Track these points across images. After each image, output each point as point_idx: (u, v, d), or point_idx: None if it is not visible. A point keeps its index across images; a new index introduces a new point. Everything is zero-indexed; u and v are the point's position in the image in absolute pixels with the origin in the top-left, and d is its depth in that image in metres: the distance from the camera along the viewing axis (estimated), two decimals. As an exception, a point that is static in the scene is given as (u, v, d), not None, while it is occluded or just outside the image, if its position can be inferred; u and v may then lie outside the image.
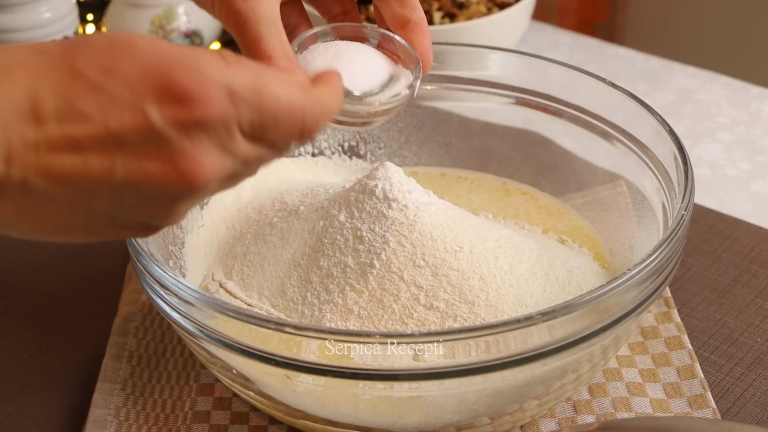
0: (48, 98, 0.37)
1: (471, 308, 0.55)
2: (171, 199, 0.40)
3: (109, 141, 0.38)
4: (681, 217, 0.53)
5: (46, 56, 0.38)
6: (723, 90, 0.97)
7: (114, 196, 0.39)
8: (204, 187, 0.40)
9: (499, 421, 0.55)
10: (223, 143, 0.40)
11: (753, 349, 0.65)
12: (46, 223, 0.40)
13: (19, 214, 0.39)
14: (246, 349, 0.49)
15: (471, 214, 0.63)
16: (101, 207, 0.39)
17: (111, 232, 0.41)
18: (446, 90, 0.73)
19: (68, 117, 0.37)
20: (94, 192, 0.39)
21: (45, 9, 0.94)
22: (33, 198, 0.38)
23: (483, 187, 0.73)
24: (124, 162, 0.38)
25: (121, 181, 0.38)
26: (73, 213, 0.39)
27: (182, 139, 0.38)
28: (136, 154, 0.38)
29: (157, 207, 0.40)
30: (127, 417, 0.60)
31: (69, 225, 0.40)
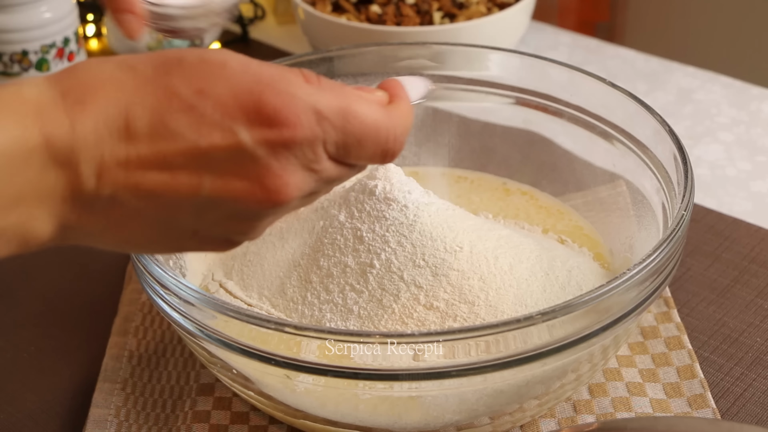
0: (141, 116, 0.38)
1: (471, 308, 0.55)
2: (254, 216, 0.41)
3: (199, 159, 0.39)
4: (681, 217, 0.53)
5: (138, 73, 0.39)
6: (723, 90, 0.97)
7: (199, 212, 0.40)
8: (287, 203, 0.41)
9: (499, 421, 0.55)
10: (308, 163, 0.41)
11: (753, 349, 0.65)
12: (131, 236, 0.41)
13: (106, 227, 0.40)
14: (246, 349, 0.49)
15: (471, 214, 0.63)
16: (186, 222, 0.40)
17: (193, 244, 0.42)
18: (446, 90, 0.73)
19: (160, 135, 0.38)
20: (181, 207, 0.40)
21: (45, 9, 0.94)
22: (120, 212, 0.39)
23: (483, 187, 0.73)
24: (212, 179, 0.39)
25: (206, 197, 0.39)
26: (158, 227, 0.41)
27: (270, 158, 0.39)
28: (224, 172, 0.39)
29: (240, 223, 0.41)
30: (127, 417, 0.60)
31: (153, 238, 0.41)
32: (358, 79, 0.73)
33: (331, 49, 0.72)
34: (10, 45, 0.92)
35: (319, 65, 0.72)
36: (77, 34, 0.99)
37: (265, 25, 1.15)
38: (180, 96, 0.39)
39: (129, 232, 0.41)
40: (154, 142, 0.38)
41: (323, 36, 0.94)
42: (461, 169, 0.75)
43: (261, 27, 1.15)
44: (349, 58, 0.73)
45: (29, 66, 0.94)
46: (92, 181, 0.38)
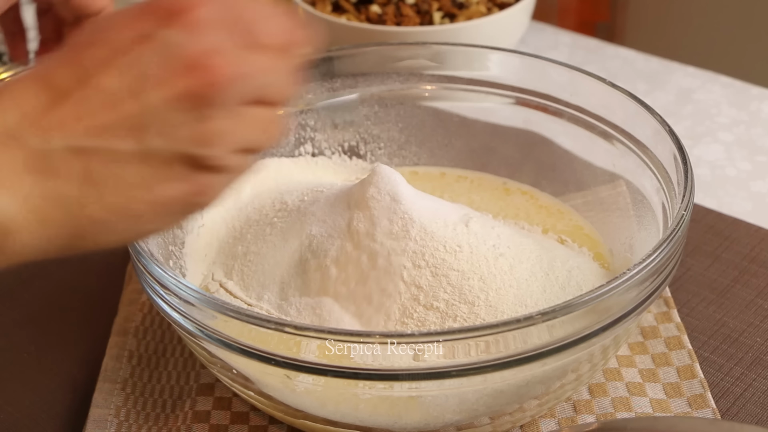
0: (56, 73, 0.38)
1: (471, 308, 0.55)
2: (204, 108, 0.39)
3: (129, 72, 0.38)
4: (681, 217, 0.53)
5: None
6: (723, 90, 0.97)
7: (161, 125, 0.38)
8: (231, 80, 0.39)
9: (499, 421, 0.55)
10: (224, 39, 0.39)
11: (753, 349, 0.65)
12: (121, 197, 0.39)
13: (81, 188, 0.38)
14: (246, 349, 0.49)
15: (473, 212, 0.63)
16: (153, 143, 0.39)
17: (160, 182, 0.40)
18: (446, 90, 0.73)
19: (83, 78, 0.38)
20: (142, 128, 0.38)
21: (45, 9, 0.94)
22: (80, 161, 0.38)
23: (483, 187, 0.73)
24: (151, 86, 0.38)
25: (155, 104, 0.38)
26: (133, 167, 0.39)
27: (189, 40, 0.39)
28: (157, 74, 0.38)
29: (196, 124, 0.39)
30: (127, 417, 0.60)
31: (140, 187, 0.39)
32: (358, 79, 0.73)
33: (331, 49, 0.72)
34: (10, 45, 0.92)
35: (319, 65, 0.72)
36: (77, 34, 0.99)
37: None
38: (83, 43, 0.39)
39: (115, 190, 0.38)
40: (81, 86, 0.38)
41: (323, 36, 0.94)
42: (461, 169, 0.75)
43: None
44: (349, 58, 0.73)
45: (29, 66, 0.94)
46: (34, 140, 0.37)
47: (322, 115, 0.74)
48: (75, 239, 0.39)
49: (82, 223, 0.39)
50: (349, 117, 0.61)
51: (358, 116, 0.74)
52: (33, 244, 0.38)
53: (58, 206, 0.38)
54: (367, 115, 0.75)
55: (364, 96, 0.74)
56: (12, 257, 0.38)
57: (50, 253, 0.39)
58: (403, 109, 0.75)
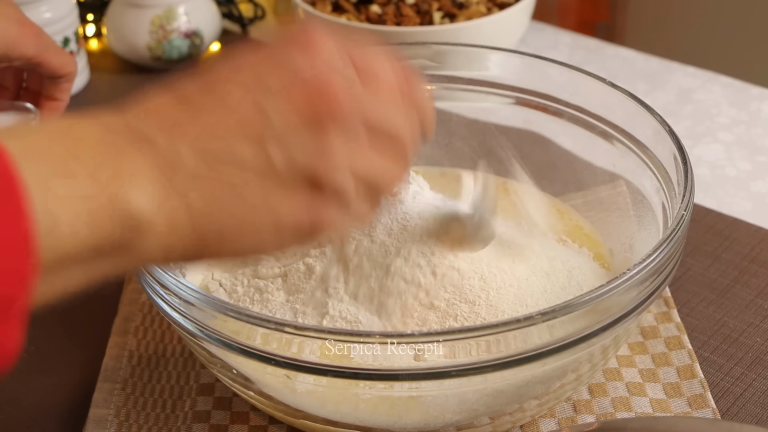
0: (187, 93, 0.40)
1: (471, 308, 0.55)
2: (325, 127, 0.40)
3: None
4: (681, 217, 0.53)
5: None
6: (723, 90, 0.97)
7: (282, 139, 0.39)
8: (351, 103, 0.40)
9: (499, 420, 0.55)
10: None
11: (753, 349, 0.65)
12: (242, 210, 0.39)
13: (210, 202, 0.38)
14: (246, 349, 0.49)
15: None
16: (274, 156, 0.39)
17: (280, 199, 0.40)
18: (446, 90, 0.73)
19: (210, 91, 0.40)
20: (264, 140, 0.39)
21: (45, 9, 0.94)
22: (215, 171, 0.38)
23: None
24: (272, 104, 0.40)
25: (278, 119, 0.39)
26: (254, 181, 0.39)
27: (312, 64, 0.40)
28: (281, 91, 0.40)
29: (317, 143, 0.40)
30: (127, 417, 0.60)
31: (261, 202, 0.39)
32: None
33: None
34: (10, 45, 0.92)
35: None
36: (77, 34, 0.99)
37: (265, 25, 1.15)
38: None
39: (225, 199, 0.39)
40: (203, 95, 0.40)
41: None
42: (461, 170, 0.75)
43: (261, 27, 1.15)
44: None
45: (29, 66, 0.94)
46: (166, 144, 0.38)
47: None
48: (195, 249, 0.39)
49: (205, 233, 0.39)
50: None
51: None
52: (160, 248, 0.38)
53: (186, 211, 0.38)
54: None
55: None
56: (139, 259, 0.38)
57: (170, 260, 0.40)
58: (403, 109, 0.75)
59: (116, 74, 1.06)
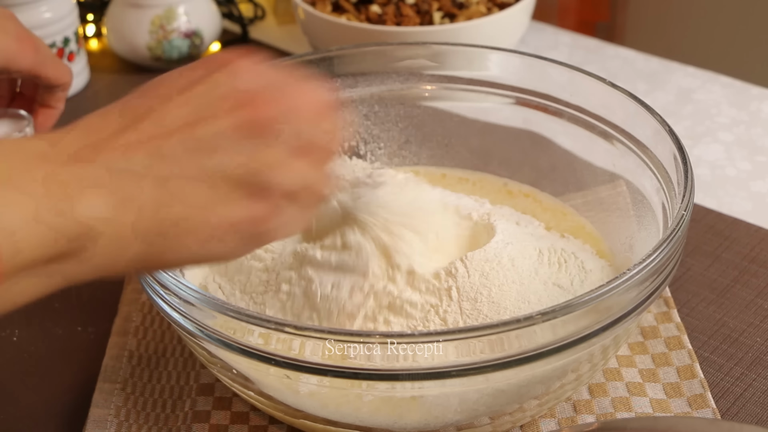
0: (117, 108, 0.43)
1: (474, 305, 0.55)
2: (261, 136, 0.42)
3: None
4: (681, 217, 0.53)
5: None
6: (723, 90, 0.97)
7: (222, 149, 0.41)
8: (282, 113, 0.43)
9: (499, 420, 0.55)
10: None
11: (753, 349, 0.65)
12: (187, 215, 0.41)
13: (157, 207, 0.40)
14: (246, 349, 0.49)
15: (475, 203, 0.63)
16: (216, 165, 0.41)
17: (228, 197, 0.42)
18: (446, 90, 0.73)
19: (150, 110, 0.42)
20: (206, 151, 0.41)
21: (45, 9, 0.94)
22: (160, 179, 0.40)
23: (484, 189, 0.73)
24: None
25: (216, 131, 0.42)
26: (198, 188, 0.41)
27: (240, 81, 0.44)
28: (216, 106, 0.42)
29: (254, 151, 0.42)
30: (127, 417, 0.60)
31: (205, 207, 0.41)
32: (358, 79, 0.73)
33: (331, 49, 0.72)
34: (10, 45, 0.92)
35: (319, 65, 0.72)
36: (77, 34, 0.99)
37: (265, 25, 1.15)
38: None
39: (184, 205, 0.41)
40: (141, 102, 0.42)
41: (323, 36, 0.94)
42: (462, 170, 0.75)
43: (261, 27, 1.15)
44: (349, 58, 0.73)
45: (29, 66, 0.94)
46: (111, 159, 0.40)
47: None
48: (144, 255, 0.41)
49: (154, 239, 0.41)
50: None
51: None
52: (114, 256, 0.40)
53: (133, 216, 0.40)
54: (367, 115, 0.75)
55: (364, 96, 0.74)
56: (89, 267, 0.40)
57: (127, 266, 0.41)
58: (403, 109, 0.75)
59: (116, 74, 1.06)
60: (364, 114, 0.75)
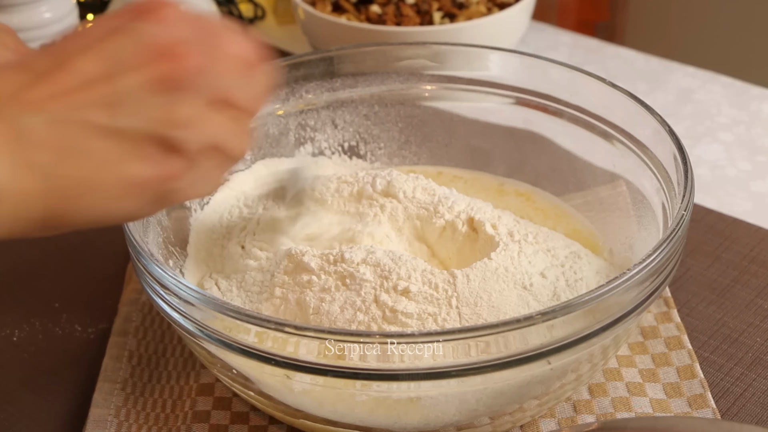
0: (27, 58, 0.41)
1: (473, 309, 0.55)
2: (175, 91, 0.41)
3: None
4: (681, 217, 0.53)
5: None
6: (723, 90, 0.97)
7: (133, 104, 0.40)
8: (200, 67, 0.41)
9: (499, 421, 0.55)
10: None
11: (753, 349, 0.65)
12: (92, 170, 0.40)
13: (60, 162, 0.39)
14: (246, 349, 0.49)
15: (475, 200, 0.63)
16: (125, 121, 0.40)
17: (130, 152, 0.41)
18: (446, 90, 0.73)
19: (61, 63, 0.40)
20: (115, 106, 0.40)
21: (45, 9, 0.94)
22: (66, 135, 0.39)
23: (477, 188, 0.73)
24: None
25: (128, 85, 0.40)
26: (105, 143, 0.40)
27: (160, 31, 0.42)
28: (131, 59, 0.41)
29: (167, 107, 0.41)
30: (127, 417, 0.60)
31: (111, 162, 0.40)
32: (358, 79, 0.73)
33: (331, 49, 0.72)
34: (10, 45, 0.92)
35: (319, 65, 0.72)
36: (77, 34, 0.99)
37: (265, 25, 1.15)
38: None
39: (75, 160, 0.40)
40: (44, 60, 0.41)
41: (323, 36, 0.94)
42: (460, 169, 0.75)
43: (261, 27, 1.15)
44: (349, 58, 0.73)
45: (29, 66, 0.94)
46: (13, 114, 0.39)
47: (322, 115, 0.74)
48: (52, 212, 0.40)
49: (58, 195, 0.40)
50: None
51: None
52: (16, 214, 0.39)
53: (36, 174, 0.39)
54: (367, 115, 0.75)
55: (364, 96, 0.74)
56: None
57: (30, 227, 0.40)
58: (403, 109, 0.75)
59: None
60: (364, 114, 0.75)
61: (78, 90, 0.40)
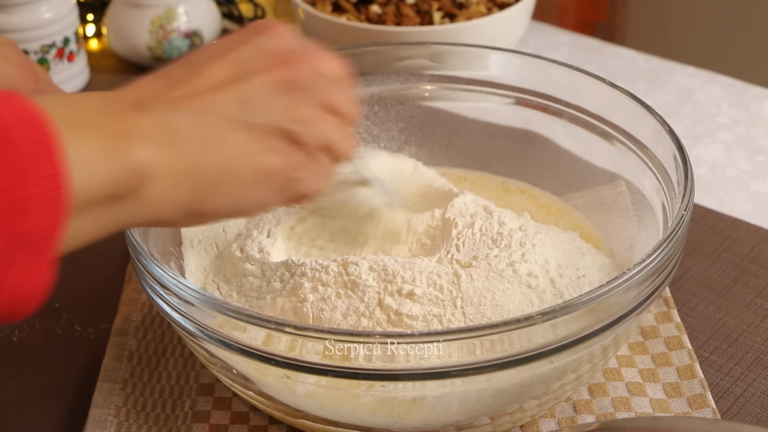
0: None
1: (477, 309, 0.55)
2: (295, 92, 0.47)
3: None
4: (681, 217, 0.53)
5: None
6: (723, 90, 0.97)
7: (261, 102, 0.46)
8: (315, 72, 0.48)
9: (499, 421, 0.55)
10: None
11: (753, 349, 0.65)
12: (230, 158, 0.45)
13: (203, 150, 0.44)
14: (246, 349, 0.49)
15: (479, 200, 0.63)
16: (256, 116, 0.46)
17: (258, 151, 0.46)
18: (446, 90, 0.73)
19: (195, 71, 0.46)
20: (247, 104, 0.46)
21: (45, 9, 0.94)
22: (206, 127, 0.44)
23: (482, 187, 0.73)
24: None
25: (256, 87, 0.47)
26: (239, 134, 0.45)
27: (278, 43, 0.49)
28: (256, 65, 0.47)
29: (290, 105, 0.47)
30: (127, 417, 0.60)
31: (245, 152, 0.45)
32: (358, 79, 0.73)
33: (331, 49, 0.72)
34: (10, 45, 0.92)
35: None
36: (77, 34, 0.99)
37: (265, 25, 1.15)
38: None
39: (215, 148, 0.44)
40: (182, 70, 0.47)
41: (323, 36, 0.94)
42: (461, 169, 0.75)
43: (261, 27, 1.14)
44: (349, 58, 0.72)
45: (29, 66, 0.94)
46: (160, 108, 0.44)
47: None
48: (195, 196, 0.44)
49: (202, 179, 0.44)
50: None
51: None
52: (166, 197, 0.43)
53: (184, 160, 0.43)
54: (367, 115, 0.75)
55: (364, 96, 0.74)
56: (149, 207, 0.43)
57: (176, 211, 0.44)
58: (403, 109, 0.75)
59: (116, 74, 1.06)
60: (364, 114, 0.75)
61: (213, 90, 0.45)
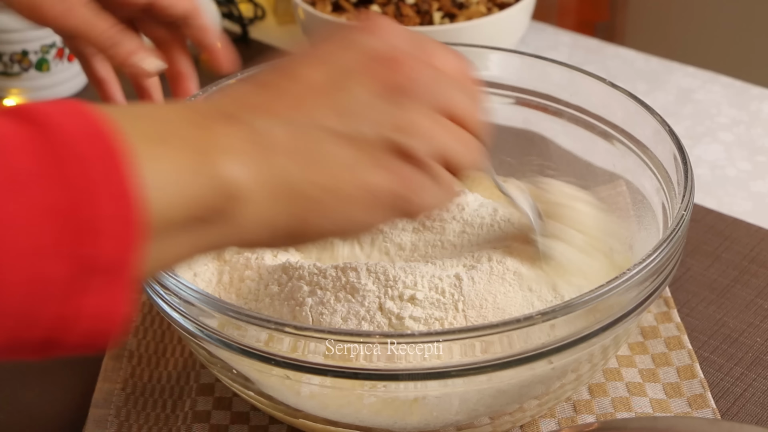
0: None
1: (479, 312, 0.55)
2: (403, 98, 0.41)
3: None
4: (681, 217, 0.53)
5: None
6: (723, 90, 0.97)
7: (365, 111, 0.41)
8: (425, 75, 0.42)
9: (499, 421, 0.55)
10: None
11: (753, 349, 0.65)
12: (332, 176, 0.40)
13: (303, 169, 0.39)
14: (246, 349, 0.49)
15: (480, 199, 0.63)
16: (359, 127, 0.40)
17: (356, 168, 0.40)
18: (446, 90, 0.73)
19: (293, 77, 0.42)
20: (349, 113, 0.41)
21: (45, 9, 0.94)
22: (305, 141, 0.39)
23: (483, 187, 0.73)
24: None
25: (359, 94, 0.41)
26: (342, 149, 0.40)
27: (384, 44, 0.43)
28: (359, 69, 0.42)
29: (397, 113, 0.41)
30: (127, 417, 0.60)
31: (349, 168, 0.40)
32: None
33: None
34: (10, 45, 0.92)
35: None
36: (77, 34, 0.99)
37: (265, 25, 1.15)
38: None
39: (316, 167, 0.39)
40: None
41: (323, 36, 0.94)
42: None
43: (261, 27, 1.15)
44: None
45: (29, 66, 0.94)
46: (254, 120, 0.39)
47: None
48: (296, 220, 0.40)
49: (303, 199, 0.39)
50: None
51: None
52: (262, 219, 0.38)
53: (280, 178, 0.38)
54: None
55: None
56: (243, 230, 0.38)
57: (275, 236, 0.40)
58: (403, 109, 0.75)
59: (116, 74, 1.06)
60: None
61: (305, 96, 0.40)
